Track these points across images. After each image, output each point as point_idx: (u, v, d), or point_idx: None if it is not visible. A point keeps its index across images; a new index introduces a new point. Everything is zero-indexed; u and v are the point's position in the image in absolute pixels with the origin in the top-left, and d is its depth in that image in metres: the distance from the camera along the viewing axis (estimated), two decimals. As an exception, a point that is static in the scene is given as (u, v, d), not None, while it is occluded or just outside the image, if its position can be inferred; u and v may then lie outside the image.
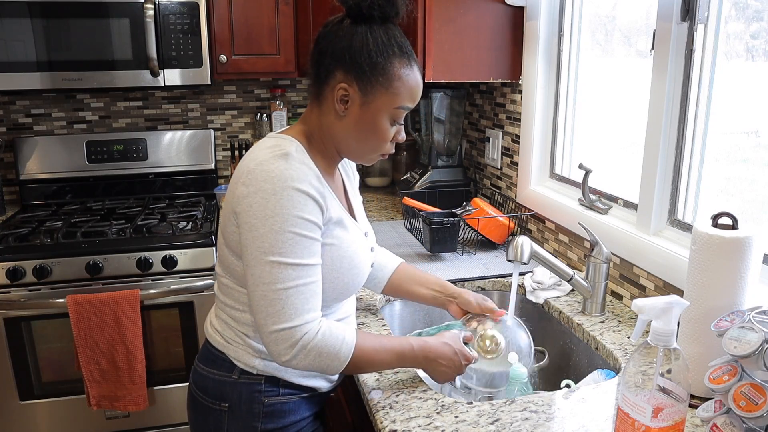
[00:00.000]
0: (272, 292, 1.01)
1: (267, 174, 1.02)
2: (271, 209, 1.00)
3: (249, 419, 1.14)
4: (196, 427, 1.23)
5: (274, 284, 1.01)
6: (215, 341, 1.18)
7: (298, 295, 1.02)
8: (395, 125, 1.12)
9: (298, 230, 1.01)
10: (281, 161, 1.03)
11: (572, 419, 1.07)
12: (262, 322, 1.03)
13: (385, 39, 1.06)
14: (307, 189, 1.02)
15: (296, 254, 1.02)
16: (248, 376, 1.14)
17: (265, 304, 1.02)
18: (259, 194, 1.01)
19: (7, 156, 2.57)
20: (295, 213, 1.01)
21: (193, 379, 1.22)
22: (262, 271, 1.01)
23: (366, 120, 1.09)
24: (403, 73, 1.08)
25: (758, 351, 0.93)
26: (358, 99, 1.07)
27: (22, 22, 2.11)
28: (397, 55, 1.07)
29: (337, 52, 1.06)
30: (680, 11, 1.35)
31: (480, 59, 1.96)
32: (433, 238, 1.84)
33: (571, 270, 1.47)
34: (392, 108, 1.09)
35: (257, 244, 1.01)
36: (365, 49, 1.05)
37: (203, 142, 2.64)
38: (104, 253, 2.05)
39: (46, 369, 2.11)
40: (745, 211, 1.36)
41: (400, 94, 1.08)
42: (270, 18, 2.34)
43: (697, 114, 1.39)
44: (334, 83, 1.08)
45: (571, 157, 1.92)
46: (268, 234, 1.00)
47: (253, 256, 1.02)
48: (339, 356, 1.05)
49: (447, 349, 1.16)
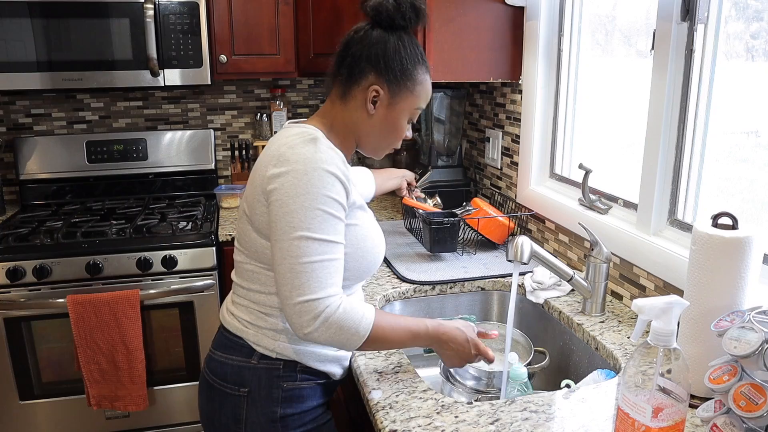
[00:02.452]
0: (299, 265, 1.06)
1: (299, 156, 1.08)
2: (303, 188, 1.06)
3: (269, 404, 1.17)
4: (210, 414, 1.24)
5: (301, 258, 1.06)
6: (233, 327, 1.21)
7: (323, 269, 1.07)
8: (408, 123, 1.25)
9: (326, 208, 1.07)
10: (311, 145, 1.10)
11: (572, 419, 1.07)
12: (287, 294, 1.06)
13: (412, 48, 1.19)
14: (335, 171, 1.09)
15: (323, 230, 1.07)
16: (267, 360, 1.17)
17: (291, 277, 1.06)
18: (291, 174, 1.07)
19: (7, 156, 2.57)
20: (325, 192, 1.07)
21: (209, 367, 1.24)
22: (290, 245, 1.06)
23: (390, 119, 1.20)
24: (424, 79, 1.21)
25: (758, 351, 0.93)
26: (387, 100, 1.18)
27: (22, 22, 2.11)
28: (420, 62, 1.20)
29: (371, 56, 1.16)
30: (680, 11, 1.35)
31: (480, 59, 1.96)
32: (433, 238, 1.84)
33: (571, 270, 1.47)
34: (412, 108, 1.22)
35: (287, 219, 1.06)
36: (398, 56, 1.16)
37: (203, 142, 2.64)
38: (104, 253, 2.05)
39: (46, 369, 2.11)
40: (745, 211, 1.36)
41: (420, 96, 1.21)
42: (270, 18, 2.34)
43: (697, 114, 1.39)
44: (366, 84, 1.17)
45: (571, 157, 1.92)
46: (299, 210, 1.06)
47: (283, 231, 1.07)
48: (359, 331, 1.09)
49: (459, 334, 1.21)
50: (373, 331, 1.11)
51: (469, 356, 1.22)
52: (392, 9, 1.15)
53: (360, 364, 1.26)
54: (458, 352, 1.21)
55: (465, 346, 1.21)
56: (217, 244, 2.14)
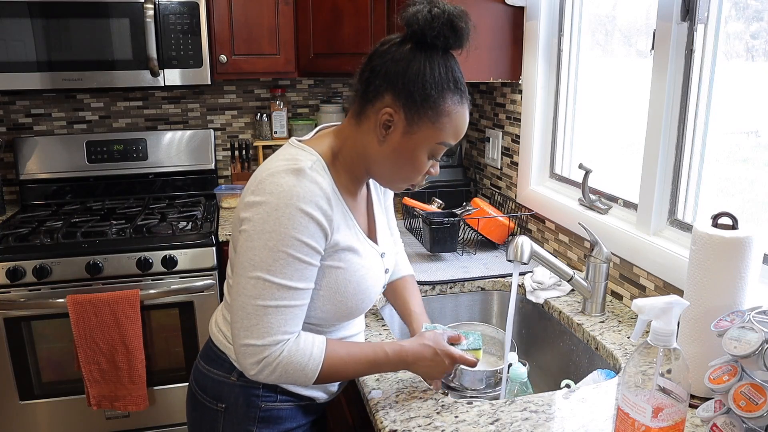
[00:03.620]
0: (251, 306, 1.00)
1: (274, 187, 0.99)
2: (270, 225, 0.98)
3: (244, 422, 1.14)
4: (193, 424, 1.23)
5: (254, 299, 0.99)
6: (218, 341, 1.18)
7: (277, 315, 1.00)
8: (432, 159, 1.08)
9: (292, 252, 0.99)
10: (291, 176, 1.00)
11: (572, 419, 1.07)
12: (235, 332, 1.02)
13: (443, 72, 1.02)
14: (311, 211, 0.99)
15: (285, 275, 0.99)
16: (246, 379, 1.13)
17: (242, 316, 1.01)
18: (263, 206, 0.99)
19: (7, 156, 2.57)
20: (293, 234, 0.98)
21: (194, 377, 1.22)
22: (247, 283, 1.00)
23: (405, 149, 1.05)
24: (453, 110, 1.04)
25: (758, 351, 0.93)
26: (402, 127, 1.03)
27: (22, 22, 2.11)
28: (451, 90, 1.03)
29: (390, 74, 1.02)
30: (680, 11, 1.35)
31: (480, 59, 1.96)
32: (433, 238, 1.84)
33: (571, 270, 1.47)
34: (434, 143, 1.05)
35: (249, 255, 1.00)
36: (420, 79, 1.01)
37: (203, 142, 2.64)
38: (104, 253, 2.05)
39: (46, 369, 2.11)
40: (745, 211, 1.36)
41: (444, 130, 1.04)
42: (270, 18, 2.34)
43: (697, 114, 1.39)
44: (380, 105, 1.03)
45: (571, 157, 1.92)
46: (262, 249, 0.99)
47: (243, 266, 1.00)
48: (306, 373, 1.03)
49: (426, 351, 1.11)
50: (324, 369, 1.04)
51: (444, 368, 1.12)
52: (424, 22, 0.99)
53: (360, 364, 1.26)
54: (431, 367, 1.12)
55: (436, 359, 1.11)
56: (217, 244, 2.14)
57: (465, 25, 1.02)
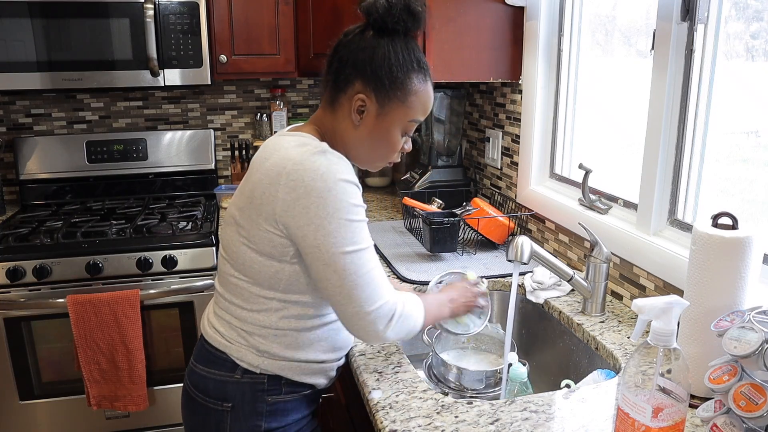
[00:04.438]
0: (362, 277, 1.05)
1: (314, 173, 1.03)
2: (332, 206, 1.03)
3: (253, 418, 1.15)
4: (194, 428, 1.22)
5: (360, 270, 1.05)
6: (215, 341, 1.18)
7: (379, 273, 1.08)
8: (405, 136, 1.17)
9: (356, 217, 1.06)
10: (321, 158, 1.05)
11: (572, 419, 1.07)
12: (357, 309, 1.06)
13: (406, 54, 1.10)
14: (352, 179, 1.06)
15: (364, 238, 1.07)
16: (251, 375, 1.14)
17: (359, 292, 1.05)
18: (313, 194, 1.02)
19: (7, 156, 2.57)
20: (351, 202, 1.05)
21: (191, 380, 1.21)
22: (345, 263, 1.04)
23: (379, 131, 1.13)
24: (419, 88, 1.12)
25: (758, 351, 0.93)
26: (375, 110, 1.11)
27: (22, 22, 2.11)
28: (415, 70, 1.11)
29: (358, 62, 1.09)
30: (680, 11, 1.35)
31: (480, 59, 1.96)
32: (433, 238, 1.84)
33: (571, 270, 1.47)
34: (406, 121, 1.13)
35: (330, 240, 1.03)
36: (387, 63, 1.08)
37: (203, 142, 2.64)
38: (104, 253, 2.05)
39: (46, 369, 2.11)
40: (745, 211, 1.36)
41: (414, 107, 1.13)
42: (270, 18, 2.34)
43: (697, 114, 1.39)
44: (352, 93, 1.11)
45: (571, 157, 1.92)
46: (337, 228, 1.03)
47: (330, 252, 1.04)
48: (419, 315, 1.14)
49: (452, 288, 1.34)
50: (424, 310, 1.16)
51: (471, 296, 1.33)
52: (383, 11, 1.07)
53: (360, 364, 1.26)
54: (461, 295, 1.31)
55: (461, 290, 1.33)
56: (217, 244, 2.14)
57: (421, 9, 1.09)
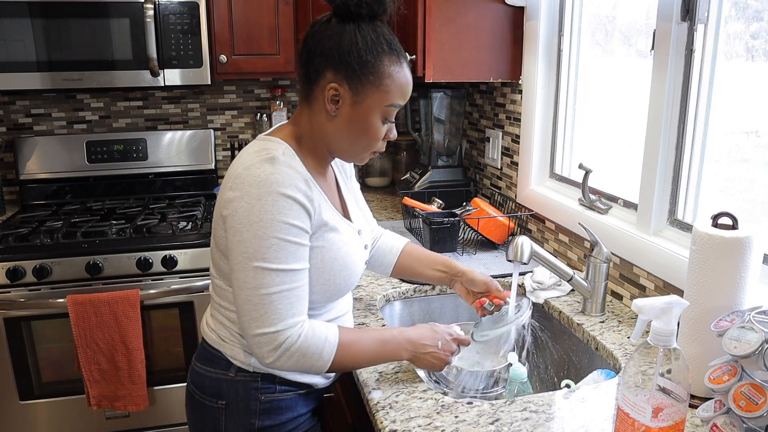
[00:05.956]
0: (256, 296, 1.02)
1: (253, 178, 1.02)
2: (256, 214, 1.00)
3: (246, 416, 1.15)
4: (194, 425, 1.24)
5: (258, 289, 1.02)
6: (211, 340, 1.19)
7: (282, 300, 1.03)
8: (387, 123, 1.12)
9: (282, 236, 1.01)
10: (267, 165, 1.03)
11: (572, 419, 1.07)
12: (246, 325, 1.04)
13: (374, 37, 1.05)
14: (293, 194, 1.02)
15: (280, 260, 1.02)
16: (245, 373, 1.15)
17: (249, 309, 1.03)
18: (245, 199, 1.01)
19: (7, 156, 2.57)
20: (280, 218, 1.01)
21: (191, 378, 1.23)
22: (247, 275, 1.02)
23: (358, 119, 1.09)
24: (393, 71, 1.07)
25: (758, 351, 0.93)
26: (349, 98, 1.07)
27: (22, 22, 2.11)
28: (386, 52, 1.07)
29: (326, 51, 1.06)
30: (680, 11, 1.35)
31: (480, 59, 1.96)
32: (433, 238, 1.84)
33: (571, 270, 1.47)
34: (383, 106, 1.09)
35: (241, 248, 1.02)
36: (354, 48, 1.04)
37: (203, 142, 2.64)
38: (104, 253, 2.04)
39: (46, 369, 2.11)
40: (745, 211, 1.36)
41: (390, 91, 1.08)
42: (270, 18, 2.34)
43: (697, 114, 1.39)
44: (324, 83, 1.07)
45: (571, 157, 1.92)
46: (253, 239, 1.01)
47: (238, 260, 1.03)
48: (323, 356, 1.06)
49: (425, 330, 1.18)
50: (339, 351, 1.07)
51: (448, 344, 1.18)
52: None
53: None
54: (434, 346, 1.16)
55: (438, 334, 1.17)
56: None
57: None
